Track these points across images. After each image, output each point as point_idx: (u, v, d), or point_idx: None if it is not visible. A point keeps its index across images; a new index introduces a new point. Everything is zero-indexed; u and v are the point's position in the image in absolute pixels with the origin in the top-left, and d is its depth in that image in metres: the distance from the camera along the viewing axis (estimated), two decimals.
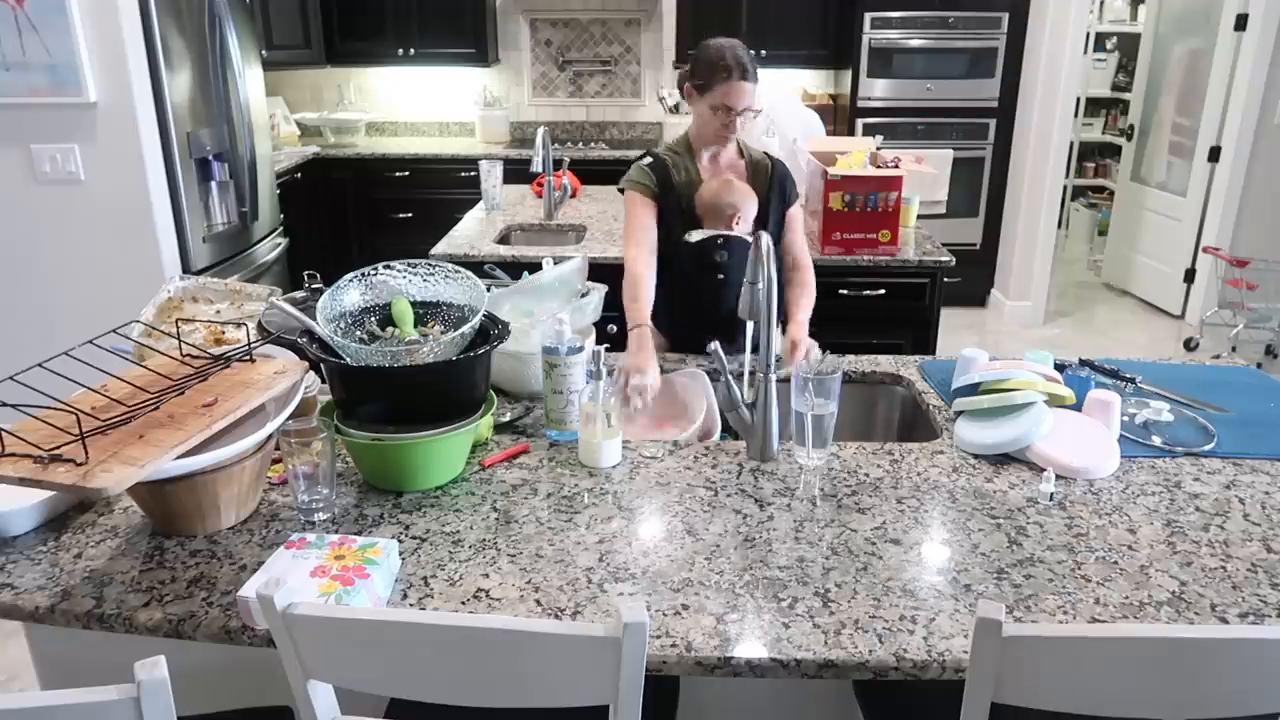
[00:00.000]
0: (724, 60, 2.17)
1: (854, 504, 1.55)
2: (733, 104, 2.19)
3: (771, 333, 1.65)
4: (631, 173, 2.32)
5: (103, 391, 1.42)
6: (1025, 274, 5.19)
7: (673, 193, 2.27)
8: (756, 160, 2.37)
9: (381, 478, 1.59)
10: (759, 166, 2.36)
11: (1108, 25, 6.89)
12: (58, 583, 1.33)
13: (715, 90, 2.20)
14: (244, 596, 1.23)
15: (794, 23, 5.09)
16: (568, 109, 5.73)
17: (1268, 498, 1.58)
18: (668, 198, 2.27)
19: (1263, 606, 1.28)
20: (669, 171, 2.28)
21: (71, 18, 2.85)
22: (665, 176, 2.28)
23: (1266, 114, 4.94)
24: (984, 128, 5.17)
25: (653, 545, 1.43)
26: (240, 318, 1.83)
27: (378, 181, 5.19)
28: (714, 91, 2.20)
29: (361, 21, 5.18)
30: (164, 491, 1.38)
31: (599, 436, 1.65)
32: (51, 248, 3.12)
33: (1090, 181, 7.42)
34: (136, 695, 0.94)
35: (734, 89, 2.17)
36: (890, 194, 3.02)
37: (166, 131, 3.15)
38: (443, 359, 1.55)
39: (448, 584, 1.33)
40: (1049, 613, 1.27)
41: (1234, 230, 5.14)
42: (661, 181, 2.27)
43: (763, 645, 1.21)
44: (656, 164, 2.30)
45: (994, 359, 1.95)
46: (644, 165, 2.31)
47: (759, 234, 1.66)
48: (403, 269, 1.69)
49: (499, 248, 3.23)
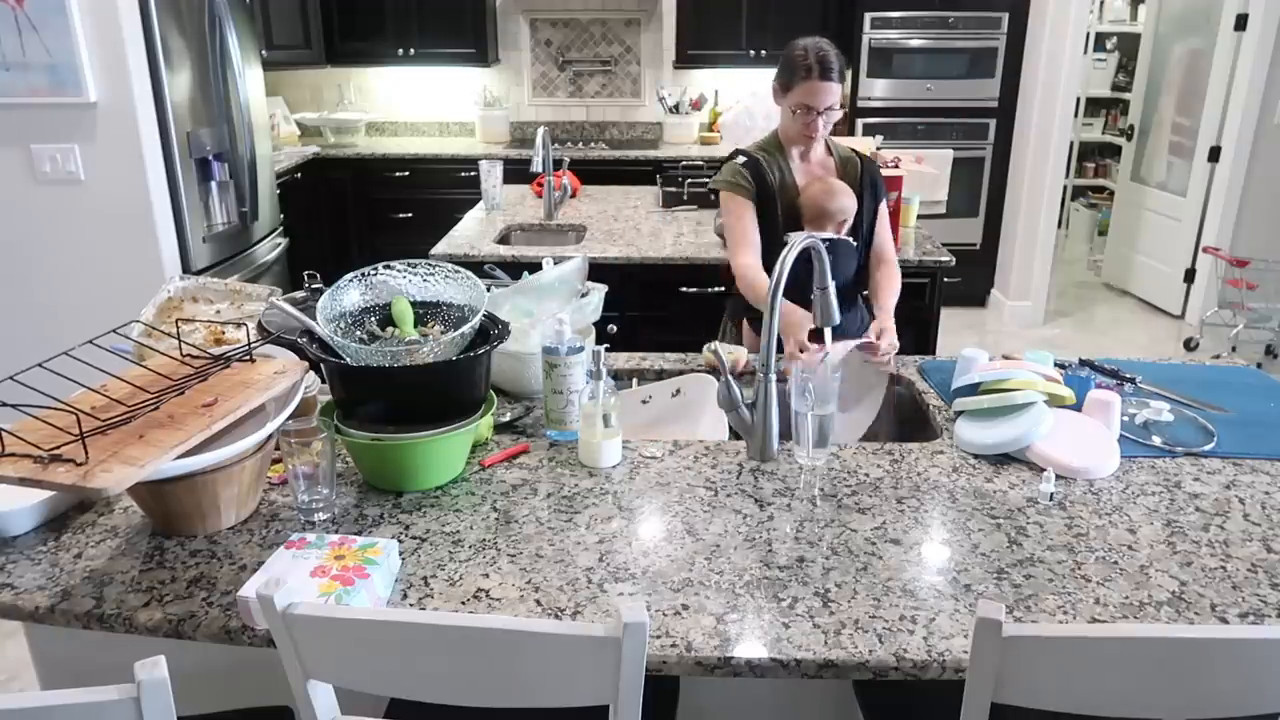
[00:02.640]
0: (805, 59, 2.16)
1: (854, 504, 1.55)
2: (813, 103, 2.18)
3: (773, 332, 1.65)
4: (724, 173, 2.29)
5: (103, 391, 1.42)
6: (1025, 274, 5.19)
7: (768, 190, 2.26)
8: (845, 158, 2.36)
9: (381, 478, 1.59)
10: (849, 164, 2.35)
11: (1108, 25, 6.89)
12: (58, 583, 1.33)
13: (796, 89, 2.19)
14: (244, 596, 1.23)
15: (794, 23, 5.08)
16: (568, 109, 5.73)
17: (1268, 498, 1.58)
18: (763, 196, 2.25)
19: (1263, 606, 1.28)
20: (763, 170, 2.27)
21: (71, 18, 2.85)
22: (760, 175, 2.26)
23: (1266, 114, 4.94)
24: (984, 128, 5.17)
25: (653, 545, 1.43)
26: (240, 318, 1.83)
27: (378, 181, 5.19)
28: (795, 91, 2.19)
29: (361, 21, 5.18)
30: (164, 491, 1.38)
31: (599, 436, 1.65)
32: (51, 248, 3.12)
33: (1090, 181, 7.43)
34: (136, 695, 0.94)
35: (813, 88, 2.17)
36: (890, 194, 3.01)
37: (166, 131, 3.15)
38: (443, 359, 1.55)
39: (448, 584, 1.33)
40: (1049, 613, 1.27)
41: (1234, 230, 5.14)
42: (757, 179, 2.26)
43: (763, 645, 1.21)
44: (750, 162, 2.28)
45: (1004, 356, 1.95)
46: (738, 164, 2.29)
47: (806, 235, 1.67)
48: (403, 269, 1.69)
49: (499, 248, 3.23)
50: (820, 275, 1.73)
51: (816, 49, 2.17)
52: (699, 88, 5.54)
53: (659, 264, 3.09)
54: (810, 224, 2.23)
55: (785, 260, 1.62)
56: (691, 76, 5.55)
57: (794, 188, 2.29)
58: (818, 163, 2.34)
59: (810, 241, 1.67)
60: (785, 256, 1.62)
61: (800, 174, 2.31)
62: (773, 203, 2.26)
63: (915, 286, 3.13)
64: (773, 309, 1.62)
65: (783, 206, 2.26)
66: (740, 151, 2.33)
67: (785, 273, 1.62)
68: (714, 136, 5.41)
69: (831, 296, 1.75)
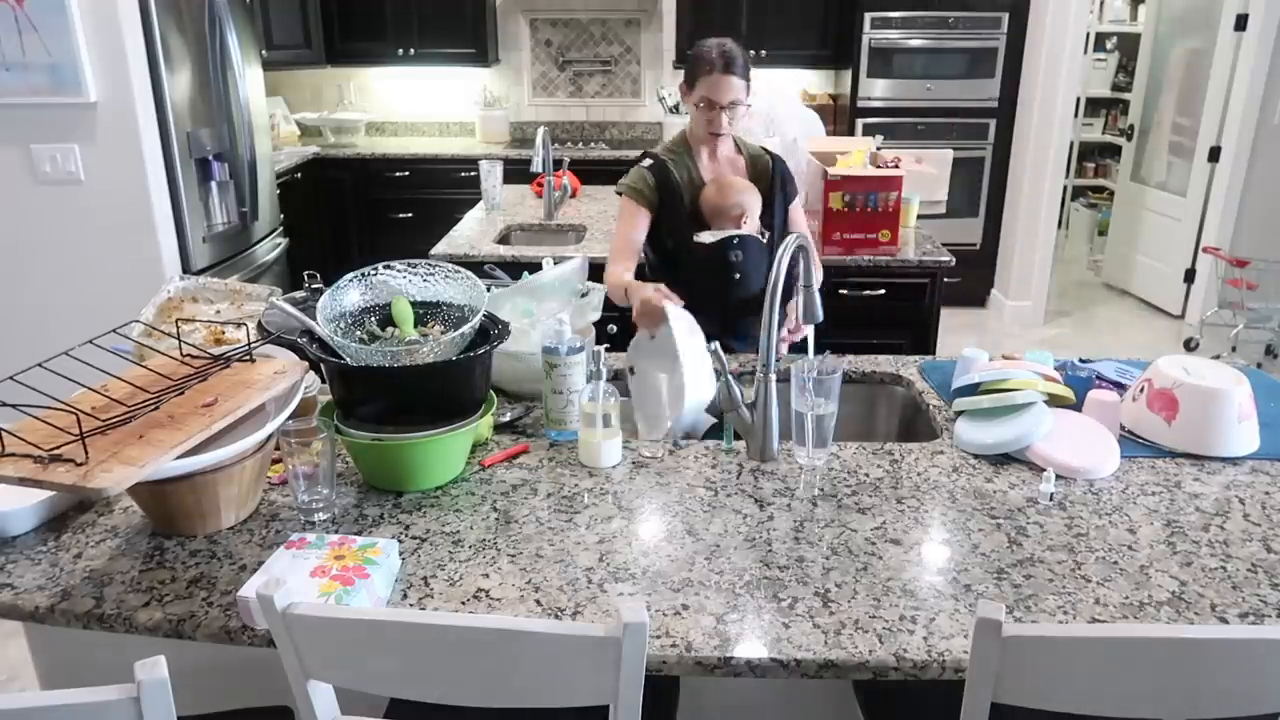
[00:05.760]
0: (708, 55, 2.17)
1: (854, 504, 1.55)
2: (715, 98, 2.18)
3: (773, 332, 1.65)
4: (629, 176, 2.29)
5: (103, 391, 1.42)
6: (1025, 274, 5.19)
7: (674, 193, 2.26)
8: (755, 156, 2.36)
9: (381, 478, 1.59)
10: (758, 162, 2.35)
11: (1108, 25, 6.89)
12: (58, 583, 1.33)
13: (699, 85, 2.20)
14: (244, 596, 1.23)
15: (794, 23, 5.09)
16: (568, 109, 5.73)
17: (1268, 498, 1.58)
18: (669, 199, 2.26)
19: (1263, 606, 1.28)
20: (669, 172, 2.27)
21: (71, 18, 2.85)
22: (665, 178, 2.26)
23: (1266, 114, 4.94)
24: (984, 128, 5.17)
25: (653, 545, 1.43)
26: (240, 318, 1.83)
27: (378, 181, 5.19)
28: (698, 86, 2.20)
29: (361, 21, 5.18)
30: (164, 491, 1.38)
31: (599, 436, 1.65)
32: (51, 248, 3.12)
33: (1090, 181, 7.42)
34: (136, 695, 0.94)
35: (715, 83, 2.16)
36: (890, 194, 3.02)
37: (166, 131, 3.16)
38: (443, 359, 1.55)
39: (448, 584, 1.33)
40: (1049, 613, 1.27)
41: (1234, 230, 5.14)
42: (661, 184, 2.26)
43: (763, 645, 1.21)
44: (656, 165, 2.28)
45: (1004, 356, 1.95)
46: (643, 168, 2.29)
47: (798, 235, 1.67)
48: (403, 269, 1.69)
49: (499, 248, 3.23)
50: (806, 274, 1.75)
51: (720, 45, 2.18)
52: None
53: None
54: (713, 222, 2.24)
55: (781, 262, 1.62)
56: None
57: (701, 186, 2.29)
58: (726, 161, 2.33)
59: (802, 241, 1.68)
60: (780, 258, 1.62)
61: (708, 172, 2.30)
62: (679, 204, 2.26)
63: (915, 286, 3.13)
64: (772, 308, 1.62)
65: (690, 206, 2.26)
66: (648, 154, 2.33)
67: (783, 273, 1.62)
68: None
69: (815, 294, 1.77)
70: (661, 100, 5.44)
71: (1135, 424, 1.78)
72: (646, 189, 2.25)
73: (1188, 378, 1.72)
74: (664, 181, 2.26)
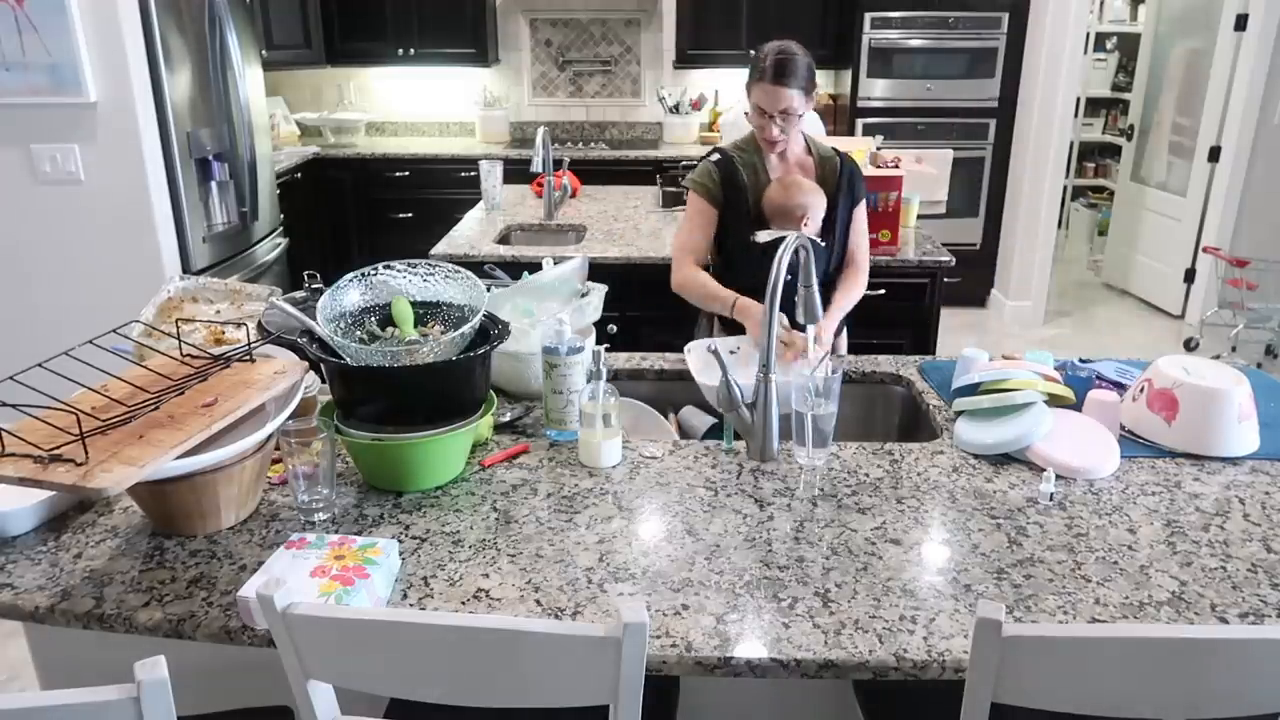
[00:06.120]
0: (761, 61, 2.15)
1: (854, 504, 1.55)
2: (765, 106, 2.16)
3: (772, 331, 1.65)
4: (696, 171, 2.28)
5: (103, 391, 1.42)
6: (1025, 274, 5.19)
7: (739, 191, 2.24)
8: (825, 157, 2.33)
9: (381, 478, 1.59)
10: (828, 163, 2.32)
11: (1108, 25, 6.89)
12: (58, 583, 1.33)
13: (753, 90, 2.19)
14: (244, 596, 1.23)
15: (794, 23, 5.08)
16: (568, 109, 5.73)
17: (1268, 498, 1.58)
18: (734, 196, 2.24)
19: (1263, 606, 1.28)
20: (735, 169, 2.25)
21: (71, 18, 2.85)
22: (731, 174, 2.24)
23: (1266, 114, 4.94)
24: (984, 128, 5.17)
25: (653, 545, 1.43)
26: (240, 318, 1.83)
27: (378, 181, 5.19)
28: (752, 91, 2.19)
29: (361, 21, 5.18)
30: (164, 491, 1.38)
31: (599, 436, 1.65)
32: (51, 248, 3.12)
33: (1090, 181, 7.42)
34: (136, 695, 0.94)
35: (765, 91, 2.15)
36: (890, 194, 3.02)
37: (166, 131, 3.16)
38: (443, 359, 1.55)
39: (448, 584, 1.33)
40: (1049, 613, 1.27)
41: (1234, 230, 5.14)
42: (726, 180, 2.24)
43: (763, 645, 1.21)
44: (723, 161, 2.26)
45: (1004, 356, 1.94)
46: (709, 162, 2.27)
47: (798, 235, 1.67)
48: (403, 269, 1.69)
49: (499, 248, 3.23)
50: (805, 274, 1.74)
51: (776, 51, 2.14)
52: (699, 88, 5.54)
53: (659, 264, 3.09)
54: (774, 222, 2.22)
55: (780, 261, 1.62)
56: (691, 76, 5.55)
57: (767, 185, 2.28)
58: (795, 161, 2.31)
59: (801, 240, 1.67)
60: (780, 256, 1.62)
61: (776, 171, 2.29)
62: (743, 202, 2.25)
63: (915, 286, 3.13)
64: (771, 308, 1.62)
65: (754, 204, 2.25)
66: (717, 149, 2.32)
67: (782, 272, 1.62)
68: (714, 136, 5.40)
69: (815, 294, 1.77)
70: (662, 100, 5.44)
71: (1135, 424, 1.78)
72: (711, 184, 2.24)
73: (1188, 378, 1.72)
74: (729, 177, 2.24)
